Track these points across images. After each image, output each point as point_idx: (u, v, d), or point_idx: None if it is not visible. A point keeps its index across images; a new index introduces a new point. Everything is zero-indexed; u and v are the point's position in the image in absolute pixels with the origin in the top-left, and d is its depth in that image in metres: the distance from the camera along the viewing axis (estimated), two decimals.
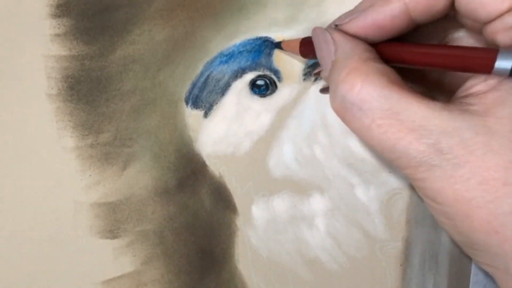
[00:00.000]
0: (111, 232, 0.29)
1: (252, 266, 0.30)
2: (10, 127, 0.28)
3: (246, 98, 0.30)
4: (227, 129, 0.30)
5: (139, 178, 0.29)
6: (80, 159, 0.28)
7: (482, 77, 0.20)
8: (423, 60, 0.22)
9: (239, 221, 0.30)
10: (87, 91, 0.28)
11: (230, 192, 0.30)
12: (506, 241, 0.19)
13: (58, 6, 0.27)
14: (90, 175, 0.29)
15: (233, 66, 0.29)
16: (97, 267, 0.29)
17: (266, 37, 0.29)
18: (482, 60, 0.20)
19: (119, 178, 0.29)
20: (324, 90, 0.29)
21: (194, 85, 0.29)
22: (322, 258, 0.30)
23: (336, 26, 0.24)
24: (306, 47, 0.27)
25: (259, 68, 0.29)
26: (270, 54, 0.29)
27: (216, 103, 0.30)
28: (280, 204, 0.30)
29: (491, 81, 0.20)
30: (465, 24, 0.23)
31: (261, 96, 0.30)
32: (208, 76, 0.29)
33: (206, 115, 0.30)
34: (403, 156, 0.20)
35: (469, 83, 0.21)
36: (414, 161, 0.20)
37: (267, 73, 0.29)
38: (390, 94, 0.20)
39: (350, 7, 0.24)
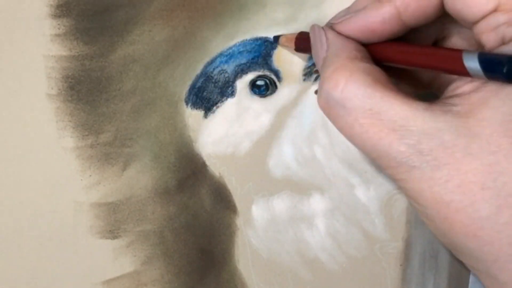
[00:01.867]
0: (111, 232, 0.29)
1: (252, 266, 0.30)
2: (10, 127, 0.28)
3: (246, 98, 0.30)
4: (227, 129, 0.30)
5: (139, 178, 0.29)
6: (80, 159, 0.28)
7: (467, 78, 0.20)
8: (407, 60, 0.22)
9: (239, 221, 0.30)
10: (87, 91, 0.28)
11: (230, 192, 0.30)
12: (485, 245, 0.19)
13: (58, 6, 0.27)
14: (90, 175, 0.29)
15: (233, 66, 0.29)
16: (97, 267, 0.29)
17: (266, 37, 0.29)
18: (452, 61, 0.20)
19: (119, 178, 0.29)
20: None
21: (194, 85, 0.29)
22: (322, 258, 0.30)
23: (330, 25, 0.24)
24: (301, 42, 0.27)
25: (259, 68, 0.29)
26: (270, 54, 0.29)
27: (216, 104, 0.30)
28: (280, 204, 0.30)
29: (476, 82, 0.20)
30: (457, 25, 0.23)
31: (261, 96, 0.30)
32: (208, 76, 0.29)
33: (206, 115, 0.30)
34: (384, 156, 0.20)
35: (455, 84, 0.21)
36: (394, 161, 0.20)
37: (267, 73, 0.29)
38: (373, 94, 0.20)
39: None
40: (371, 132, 0.20)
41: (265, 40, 0.29)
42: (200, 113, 0.30)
